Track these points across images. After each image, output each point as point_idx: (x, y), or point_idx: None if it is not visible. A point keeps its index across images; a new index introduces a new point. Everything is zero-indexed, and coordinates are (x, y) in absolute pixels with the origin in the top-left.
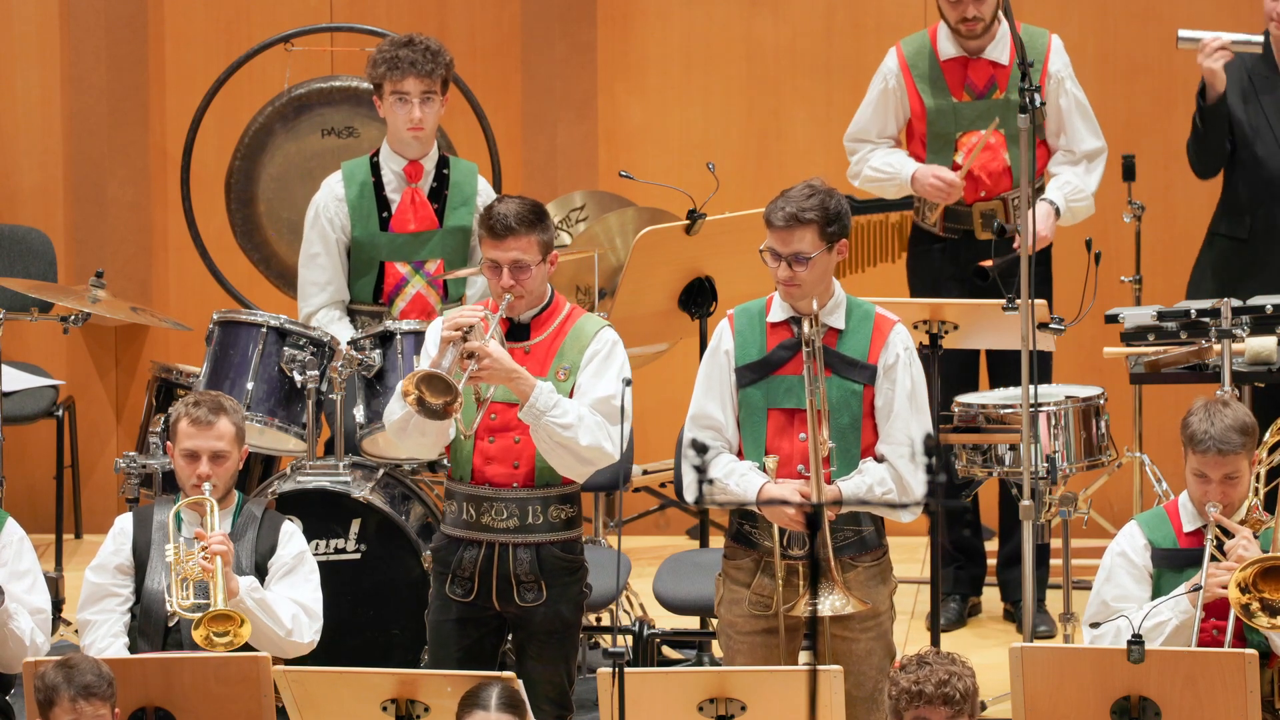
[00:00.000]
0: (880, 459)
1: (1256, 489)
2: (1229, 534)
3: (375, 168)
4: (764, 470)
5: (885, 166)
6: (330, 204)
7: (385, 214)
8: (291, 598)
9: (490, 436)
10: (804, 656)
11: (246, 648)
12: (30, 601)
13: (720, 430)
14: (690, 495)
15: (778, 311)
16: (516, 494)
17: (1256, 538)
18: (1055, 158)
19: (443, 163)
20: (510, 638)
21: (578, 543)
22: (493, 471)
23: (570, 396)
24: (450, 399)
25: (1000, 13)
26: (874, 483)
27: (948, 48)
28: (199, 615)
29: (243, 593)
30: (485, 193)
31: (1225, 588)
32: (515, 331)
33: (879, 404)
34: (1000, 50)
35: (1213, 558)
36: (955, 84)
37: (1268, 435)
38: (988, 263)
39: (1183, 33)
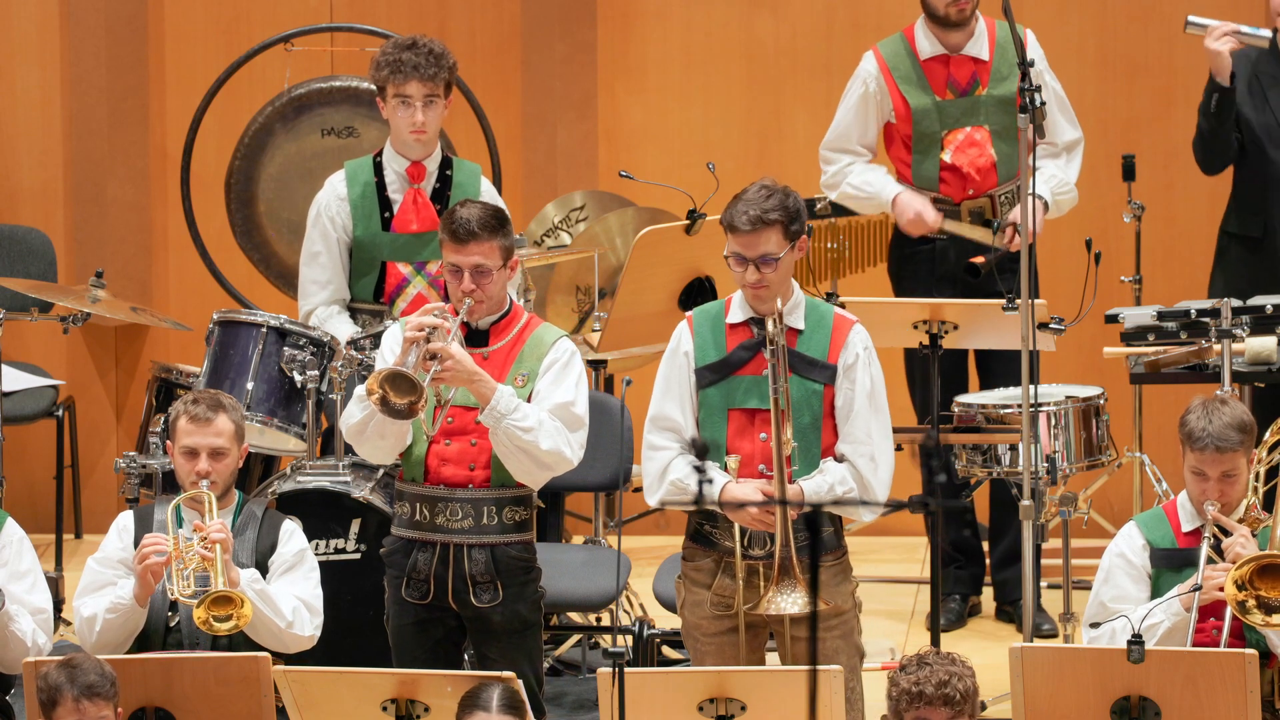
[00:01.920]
0: (840, 458)
1: (1255, 487)
2: (1227, 532)
3: (378, 168)
4: (725, 470)
5: (865, 185)
6: (332, 203)
7: (387, 214)
8: (293, 593)
9: (447, 440)
10: (771, 657)
11: (248, 645)
12: (31, 602)
13: (679, 432)
14: (653, 497)
15: (737, 313)
16: (472, 494)
17: (1254, 536)
18: (1036, 151)
19: (445, 163)
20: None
21: (531, 545)
22: (448, 473)
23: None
24: (415, 398)
25: (977, 10)
26: (835, 482)
27: (926, 46)
28: (200, 598)
29: (244, 584)
30: (489, 193)
31: (1223, 589)
32: (473, 338)
33: (839, 403)
34: (980, 46)
35: (1209, 558)
36: (938, 82)
37: (1267, 434)
38: (979, 259)
39: (1192, 18)
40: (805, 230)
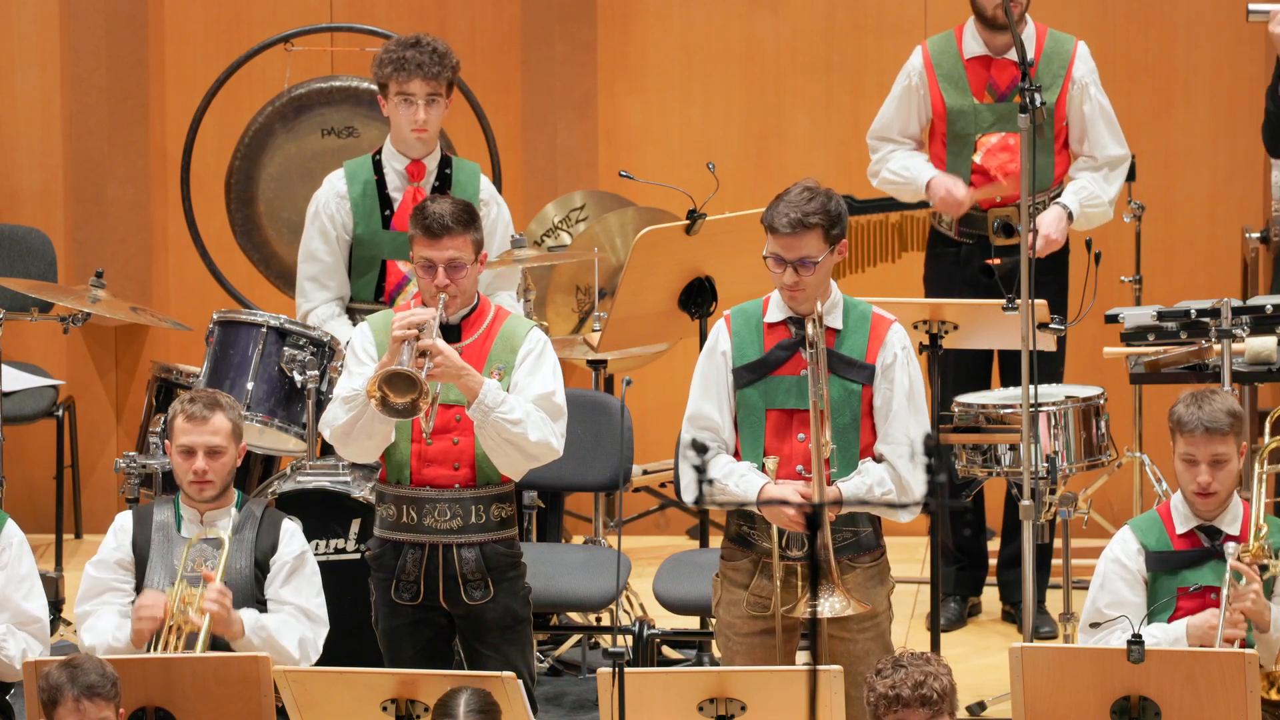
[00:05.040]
0: (879, 459)
1: (1261, 496)
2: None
3: (378, 166)
4: (764, 471)
5: (903, 170)
6: (332, 201)
7: (387, 212)
8: (296, 604)
9: (428, 439)
10: (801, 656)
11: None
12: (27, 610)
13: (717, 431)
14: (689, 496)
15: (775, 312)
16: (459, 494)
17: (1264, 569)
18: (1077, 163)
19: (445, 163)
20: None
21: (516, 541)
22: (432, 473)
23: None
24: (416, 394)
25: (1027, 14)
26: (874, 483)
27: (972, 46)
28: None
29: (248, 633)
30: (488, 192)
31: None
32: (446, 333)
33: (877, 404)
34: (1025, 51)
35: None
36: (978, 85)
37: (1270, 439)
38: (995, 261)
39: (1252, 6)
40: (845, 234)
